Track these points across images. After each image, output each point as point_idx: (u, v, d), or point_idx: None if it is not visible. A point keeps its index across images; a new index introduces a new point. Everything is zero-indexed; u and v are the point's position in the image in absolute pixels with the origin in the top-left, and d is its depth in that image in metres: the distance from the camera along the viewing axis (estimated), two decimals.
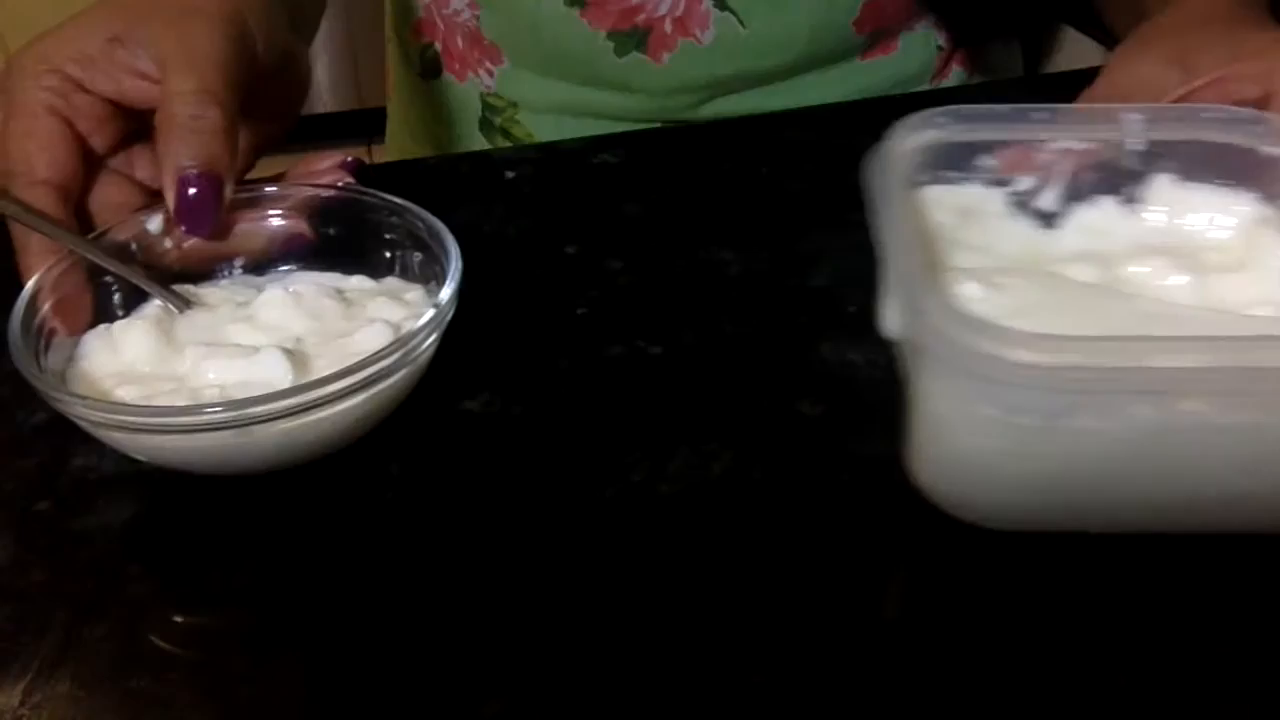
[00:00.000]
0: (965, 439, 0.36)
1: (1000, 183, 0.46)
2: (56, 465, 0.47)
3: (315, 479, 0.45)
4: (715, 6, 0.73)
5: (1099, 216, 0.47)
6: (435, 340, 0.45)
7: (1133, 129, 0.45)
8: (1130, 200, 0.46)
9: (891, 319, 0.42)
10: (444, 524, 0.44)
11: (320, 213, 0.52)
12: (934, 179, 0.45)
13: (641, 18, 0.74)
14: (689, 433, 0.47)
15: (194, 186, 0.46)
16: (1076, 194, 0.46)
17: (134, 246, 0.50)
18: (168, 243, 0.51)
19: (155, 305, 0.49)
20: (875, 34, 0.77)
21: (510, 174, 0.66)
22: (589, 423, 0.48)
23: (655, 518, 0.44)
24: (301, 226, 0.52)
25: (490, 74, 0.80)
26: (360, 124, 2.37)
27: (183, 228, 0.48)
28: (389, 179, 0.53)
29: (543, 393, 0.50)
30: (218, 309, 0.49)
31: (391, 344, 0.43)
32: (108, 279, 0.49)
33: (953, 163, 0.45)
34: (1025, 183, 0.46)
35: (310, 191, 0.52)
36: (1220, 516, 0.39)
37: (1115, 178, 0.46)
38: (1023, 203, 0.46)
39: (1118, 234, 0.46)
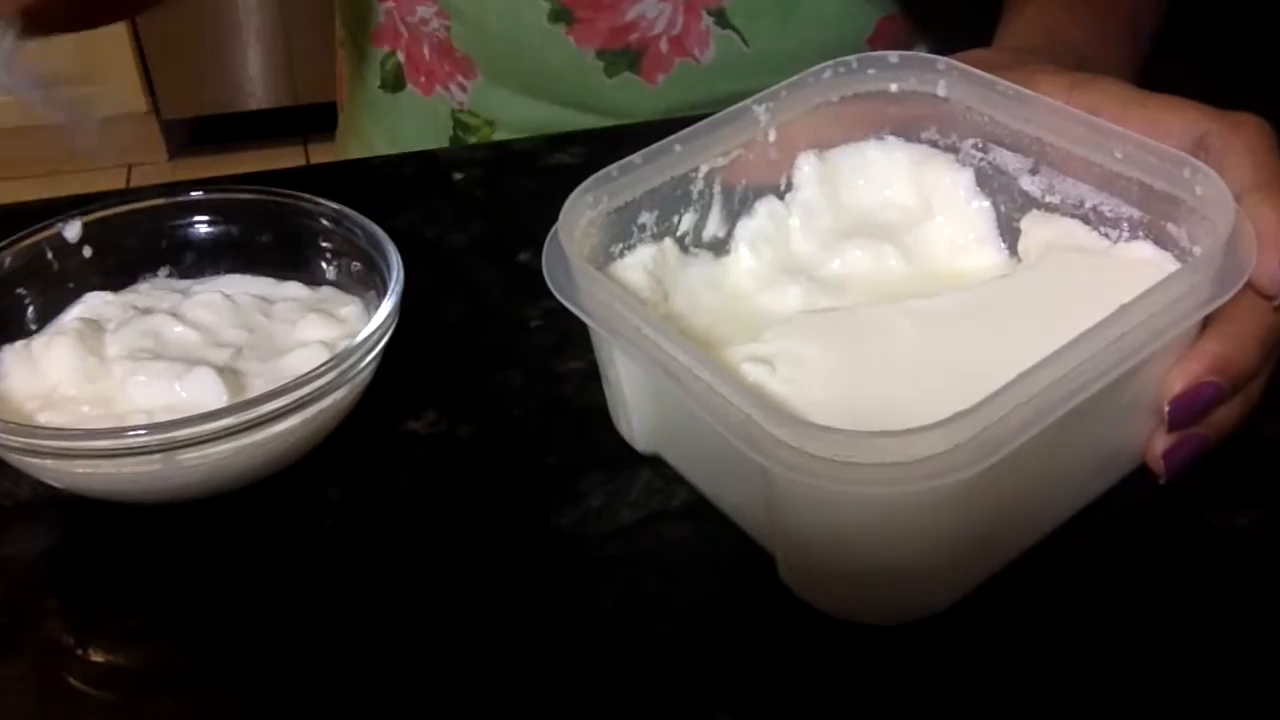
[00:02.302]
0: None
1: (662, 234, 0.45)
2: None
3: (248, 505, 0.44)
4: (716, 24, 0.70)
5: (765, 223, 0.46)
6: (375, 357, 0.44)
7: (761, 117, 0.45)
8: (783, 193, 0.46)
9: (640, 429, 0.43)
10: (387, 553, 0.43)
11: (251, 218, 0.50)
12: (606, 258, 0.44)
13: (635, 36, 0.70)
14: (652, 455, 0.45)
15: None
16: (735, 210, 0.46)
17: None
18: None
19: (75, 319, 0.47)
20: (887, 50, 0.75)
21: (459, 175, 0.64)
22: (544, 444, 0.46)
23: (616, 548, 0.42)
24: None
25: (463, 89, 0.76)
26: (295, 121, 2.33)
27: None
28: (327, 181, 0.51)
29: (493, 411, 0.48)
30: (149, 314, 0.47)
31: (328, 361, 0.41)
32: (20, 291, 0.47)
33: (618, 233, 0.44)
34: (685, 223, 0.45)
35: (241, 195, 0.50)
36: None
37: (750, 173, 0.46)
38: (694, 241, 0.46)
39: (793, 238, 0.46)
